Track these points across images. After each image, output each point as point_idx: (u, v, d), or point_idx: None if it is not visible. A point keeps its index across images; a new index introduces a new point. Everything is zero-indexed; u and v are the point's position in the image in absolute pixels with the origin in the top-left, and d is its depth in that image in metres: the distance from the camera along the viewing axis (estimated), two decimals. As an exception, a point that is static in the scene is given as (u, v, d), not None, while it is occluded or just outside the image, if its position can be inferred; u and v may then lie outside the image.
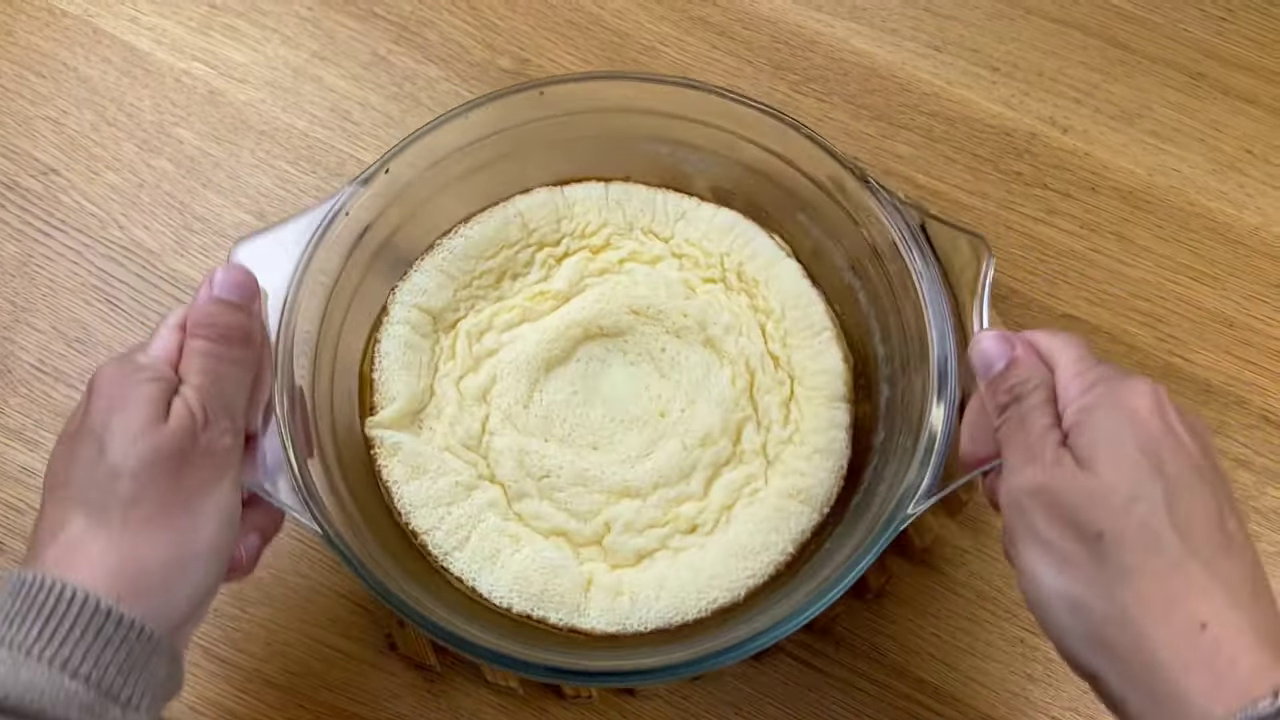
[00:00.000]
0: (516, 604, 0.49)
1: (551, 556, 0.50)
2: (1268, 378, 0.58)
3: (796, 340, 0.54)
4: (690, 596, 0.49)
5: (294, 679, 0.52)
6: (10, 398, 0.57)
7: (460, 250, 0.55)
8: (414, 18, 0.66)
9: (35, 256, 0.60)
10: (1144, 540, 0.35)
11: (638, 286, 0.55)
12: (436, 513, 0.51)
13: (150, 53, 0.65)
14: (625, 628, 0.49)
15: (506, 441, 0.52)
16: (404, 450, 0.51)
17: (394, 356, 0.53)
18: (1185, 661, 0.33)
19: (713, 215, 0.57)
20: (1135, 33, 0.66)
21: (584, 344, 0.55)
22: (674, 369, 0.55)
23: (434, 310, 0.54)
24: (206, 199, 0.61)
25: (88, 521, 0.37)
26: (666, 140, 0.56)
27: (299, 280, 0.47)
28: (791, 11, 0.67)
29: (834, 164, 0.51)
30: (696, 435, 0.52)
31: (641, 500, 0.52)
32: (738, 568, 0.50)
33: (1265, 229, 0.62)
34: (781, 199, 0.55)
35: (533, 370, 0.54)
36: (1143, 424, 0.37)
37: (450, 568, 0.50)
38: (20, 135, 0.62)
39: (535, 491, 0.52)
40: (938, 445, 0.45)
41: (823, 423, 0.52)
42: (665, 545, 0.51)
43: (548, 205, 0.56)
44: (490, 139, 0.53)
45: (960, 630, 0.53)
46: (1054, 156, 0.63)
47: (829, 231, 0.54)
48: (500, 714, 0.52)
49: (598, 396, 0.54)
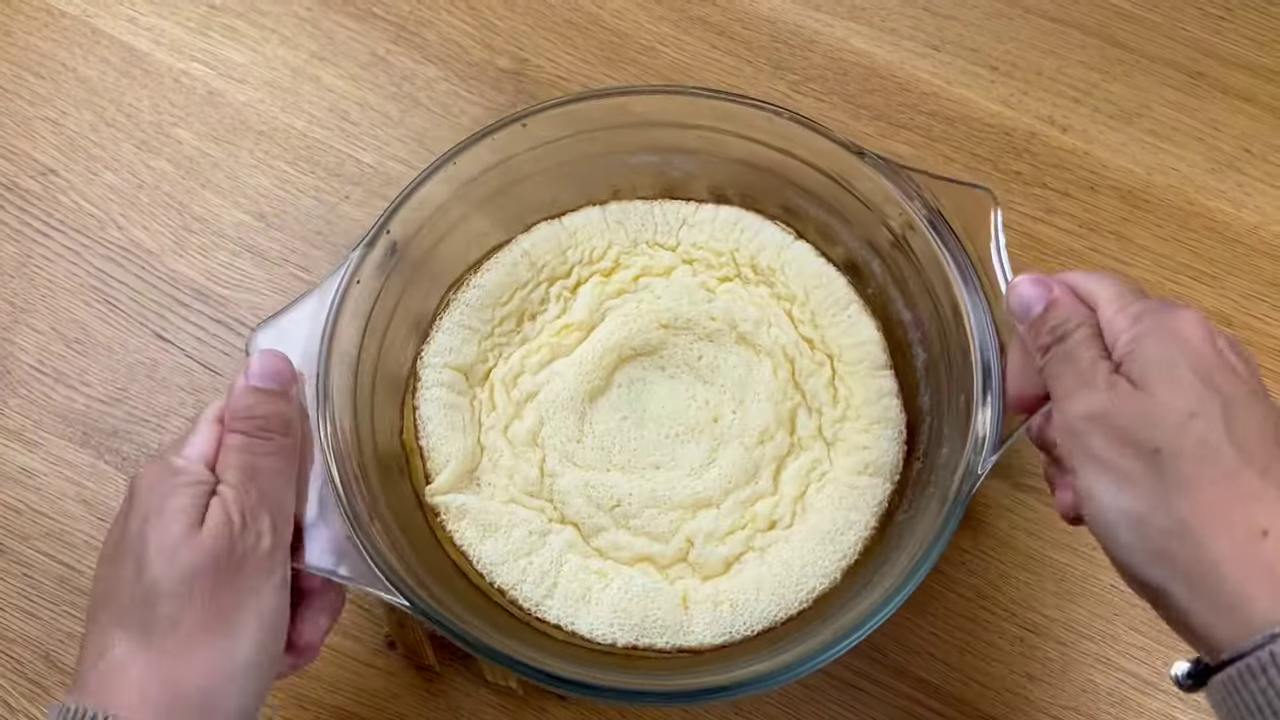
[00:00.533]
0: (620, 638, 0.49)
1: (642, 583, 0.49)
2: (1267, 377, 0.58)
3: (825, 319, 0.54)
4: (790, 590, 0.49)
5: (294, 679, 0.52)
6: (9, 398, 0.57)
7: (475, 301, 0.54)
8: (412, 18, 0.66)
9: (34, 257, 0.60)
10: (1201, 453, 0.35)
11: (660, 300, 0.55)
12: (519, 565, 0.50)
13: (149, 53, 0.65)
14: (733, 635, 0.49)
15: (569, 480, 0.52)
16: (471, 511, 0.51)
17: (437, 420, 0.52)
18: (1247, 569, 0.33)
19: (714, 215, 0.57)
20: (1134, 32, 0.66)
21: (621, 368, 0.55)
22: (715, 374, 0.54)
23: (464, 366, 0.54)
24: (205, 199, 0.61)
25: (129, 645, 0.37)
26: (655, 149, 0.55)
27: (326, 355, 0.46)
28: (790, 11, 0.67)
29: (829, 144, 0.51)
30: (754, 434, 0.53)
31: (716, 509, 0.52)
32: (827, 552, 0.50)
33: (1264, 228, 0.62)
34: (778, 188, 0.55)
35: (577, 404, 0.53)
36: (1195, 349, 0.37)
37: (546, 617, 0.49)
38: (19, 136, 0.62)
39: (610, 523, 0.51)
40: (993, 403, 0.45)
41: (872, 393, 0.53)
42: (750, 547, 0.51)
43: (550, 238, 0.56)
44: (483, 176, 0.53)
45: (960, 630, 0.53)
46: (1053, 156, 0.63)
47: (832, 211, 0.54)
48: (500, 713, 0.52)
49: (648, 416, 0.54)
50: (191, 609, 0.38)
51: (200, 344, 0.58)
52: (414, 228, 0.51)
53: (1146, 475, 0.35)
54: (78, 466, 0.55)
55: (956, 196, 0.49)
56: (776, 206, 0.56)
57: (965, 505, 0.44)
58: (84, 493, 0.55)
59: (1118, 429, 0.36)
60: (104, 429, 0.56)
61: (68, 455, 0.56)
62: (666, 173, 0.57)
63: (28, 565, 0.54)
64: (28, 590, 0.53)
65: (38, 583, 0.54)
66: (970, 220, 0.48)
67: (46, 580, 0.54)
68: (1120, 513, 0.36)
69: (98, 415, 0.57)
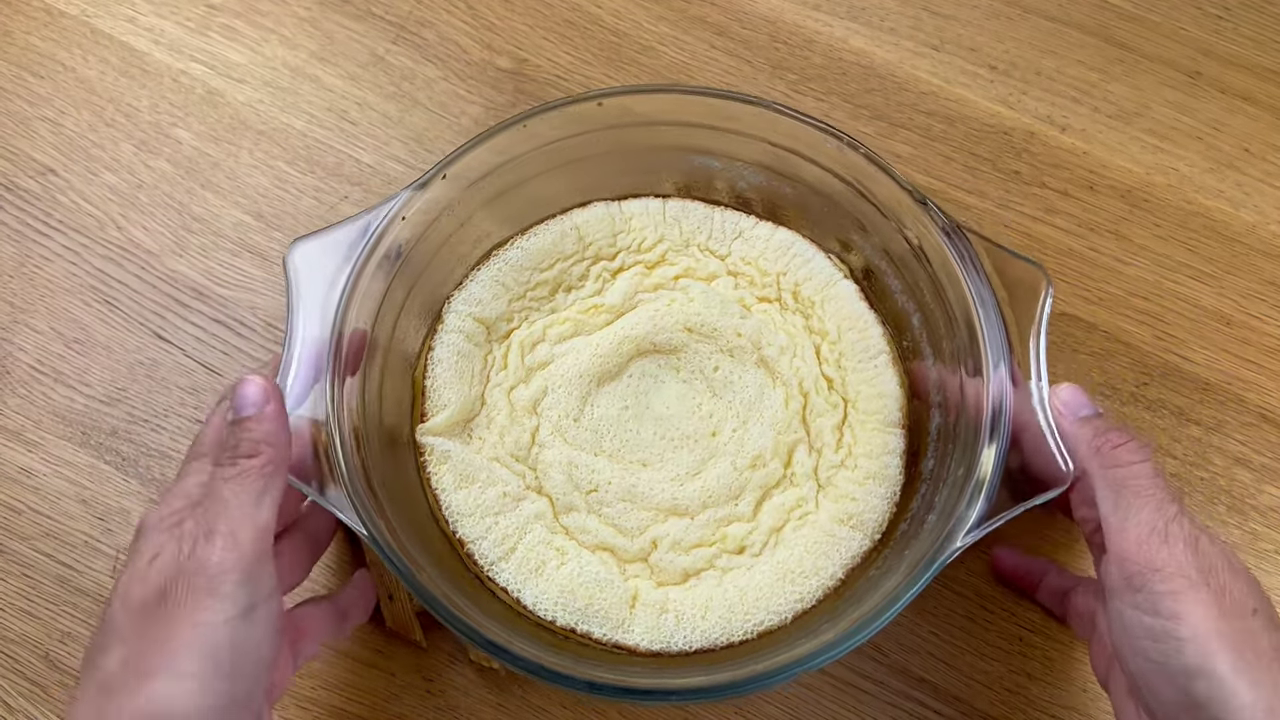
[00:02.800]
0: (561, 617, 0.49)
1: (597, 571, 0.50)
2: (1266, 375, 0.58)
3: (851, 363, 0.54)
4: (737, 618, 0.49)
5: (294, 678, 0.52)
6: (9, 398, 0.57)
7: (516, 261, 0.55)
8: (412, 18, 0.66)
9: (33, 257, 0.60)
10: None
11: (692, 304, 0.55)
12: (484, 522, 0.50)
13: (148, 53, 0.65)
14: (669, 646, 0.49)
15: (556, 454, 0.52)
16: (453, 458, 0.51)
17: (447, 364, 0.53)
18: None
19: (770, 234, 0.56)
20: (1133, 32, 0.66)
21: (637, 360, 0.55)
22: (727, 389, 0.54)
23: (488, 320, 0.54)
24: (205, 199, 0.61)
25: (79, 691, 0.37)
26: (719, 155, 0.55)
27: (355, 278, 0.47)
28: (790, 11, 0.67)
29: (893, 185, 0.50)
30: (748, 456, 0.52)
31: (690, 519, 0.51)
32: (786, 591, 0.50)
33: (1263, 227, 0.62)
34: (836, 218, 0.54)
35: (585, 384, 0.53)
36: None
37: (496, 578, 0.50)
38: (18, 136, 0.62)
39: (583, 505, 0.52)
40: (988, 481, 0.44)
41: (876, 448, 0.52)
42: (713, 565, 0.51)
43: (604, 219, 0.56)
44: (541, 151, 0.53)
45: (960, 629, 0.53)
46: (1052, 155, 0.63)
47: (884, 254, 0.53)
48: (500, 713, 0.52)
49: (649, 413, 0.54)
50: (126, 648, 0.35)
51: (200, 344, 0.58)
52: (468, 181, 0.51)
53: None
54: (77, 466, 0.55)
55: (1007, 265, 0.48)
56: (834, 240, 0.56)
57: (931, 578, 0.43)
58: (83, 493, 0.55)
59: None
60: (103, 429, 0.56)
61: (67, 455, 0.56)
62: (732, 182, 0.56)
63: (27, 565, 0.54)
64: (27, 590, 0.53)
65: (37, 583, 0.54)
66: (1017, 293, 0.47)
67: (45, 580, 0.54)
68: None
69: (97, 415, 0.56)
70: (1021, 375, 0.46)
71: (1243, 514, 0.56)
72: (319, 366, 0.45)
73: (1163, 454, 0.57)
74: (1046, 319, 0.47)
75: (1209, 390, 0.58)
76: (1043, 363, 0.46)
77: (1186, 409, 0.58)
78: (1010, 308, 0.47)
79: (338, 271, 0.47)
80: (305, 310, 0.46)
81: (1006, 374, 0.46)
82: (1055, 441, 0.44)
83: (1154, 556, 0.39)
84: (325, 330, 0.46)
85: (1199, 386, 0.58)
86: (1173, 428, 0.57)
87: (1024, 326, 0.47)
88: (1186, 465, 0.57)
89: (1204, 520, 0.55)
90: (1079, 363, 0.58)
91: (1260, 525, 0.56)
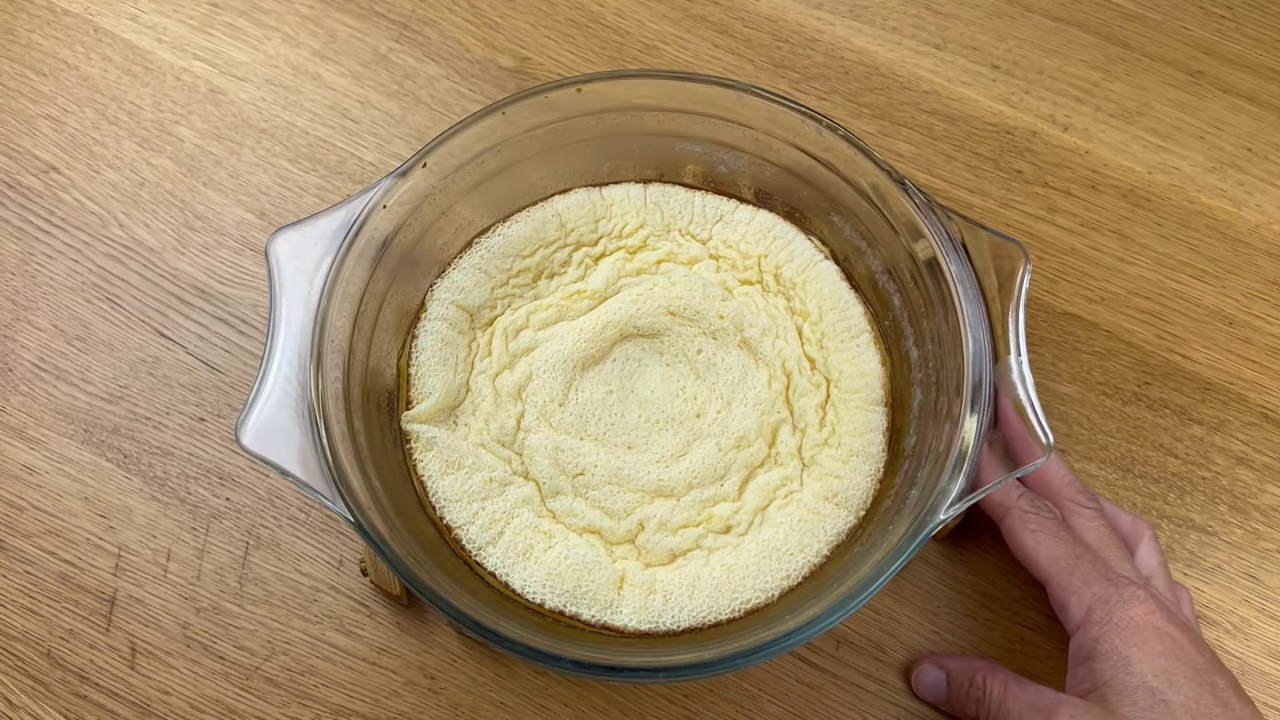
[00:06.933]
0: (549, 600, 0.49)
1: (584, 554, 0.50)
2: (1268, 375, 0.58)
3: (834, 343, 0.54)
4: (724, 596, 0.49)
5: (294, 676, 0.52)
6: (11, 396, 0.57)
7: (498, 249, 0.55)
8: (414, 16, 0.66)
9: (36, 255, 0.60)
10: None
11: (675, 288, 0.55)
12: (470, 508, 0.51)
13: (151, 51, 0.65)
14: (658, 626, 0.49)
15: (541, 439, 0.52)
16: (439, 445, 0.51)
17: (431, 352, 0.53)
18: None
19: (751, 217, 0.57)
20: (1135, 31, 0.66)
21: (620, 344, 0.55)
22: (710, 371, 0.54)
23: (471, 308, 0.55)
24: (207, 197, 0.61)
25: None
26: (701, 140, 0.55)
27: (336, 268, 0.48)
28: (792, 9, 0.67)
29: (873, 168, 0.51)
30: (732, 437, 0.53)
31: (675, 500, 0.52)
32: (772, 569, 0.50)
33: (1265, 227, 0.62)
34: (818, 201, 0.55)
35: (569, 369, 0.54)
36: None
37: (484, 563, 0.50)
38: (21, 133, 0.62)
39: (569, 489, 0.52)
40: (970, 453, 0.45)
41: (859, 426, 0.52)
42: (699, 545, 0.51)
43: (586, 205, 0.56)
44: (521, 138, 0.53)
45: (961, 628, 0.53)
46: (1054, 154, 0.63)
47: (865, 235, 0.54)
48: (501, 711, 0.52)
49: (633, 397, 0.54)
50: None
51: (202, 341, 0.58)
52: (448, 170, 0.52)
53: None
54: (79, 464, 0.56)
55: (986, 243, 0.49)
56: (814, 221, 0.56)
57: (915, 551, 0.43)
58: (85, 490, 0.55)
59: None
60: (105, 426, 0.56)
61: (69, 453, 0.56)
62: (713, 166, 0.57)
63: (29, 562, 0.54)
64: (29, 588, 0.53)
65: (39, 580, 0.54)
66: (997, 270, 0.48)
67: (48, 578, 0.54)
68: None
69: (99, 413, 0.57)
70: (1001, 350, 0.47)
71: (1244, 513, 0.56)
72: (303, 354, 0.46)
73: (1165, 453, 0.57)
74: (1025, 294, 0.47)
75: (1211, 390, 0.58)
76: (1022, 338, 0.47)
77: (1188, 408, 0.58)
78: (989, 284, 0.48)
79: (320, 260, 0.48)
80: (288, 299, 0.46)
81: (987, 349, 0.47)
82: (1036, 415, 0.45)
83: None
84: (309, 318, 0.46)
85: (1201, 386, 0.58)
86: (1174, 427, 0.57)
87: (1004, 302, 0.48)
88: (1188, 465, 0.57)
89: (1205, 520, 0.55)
90: (1081, 362, 0.58)
91: (1262, 525, 0.55)
